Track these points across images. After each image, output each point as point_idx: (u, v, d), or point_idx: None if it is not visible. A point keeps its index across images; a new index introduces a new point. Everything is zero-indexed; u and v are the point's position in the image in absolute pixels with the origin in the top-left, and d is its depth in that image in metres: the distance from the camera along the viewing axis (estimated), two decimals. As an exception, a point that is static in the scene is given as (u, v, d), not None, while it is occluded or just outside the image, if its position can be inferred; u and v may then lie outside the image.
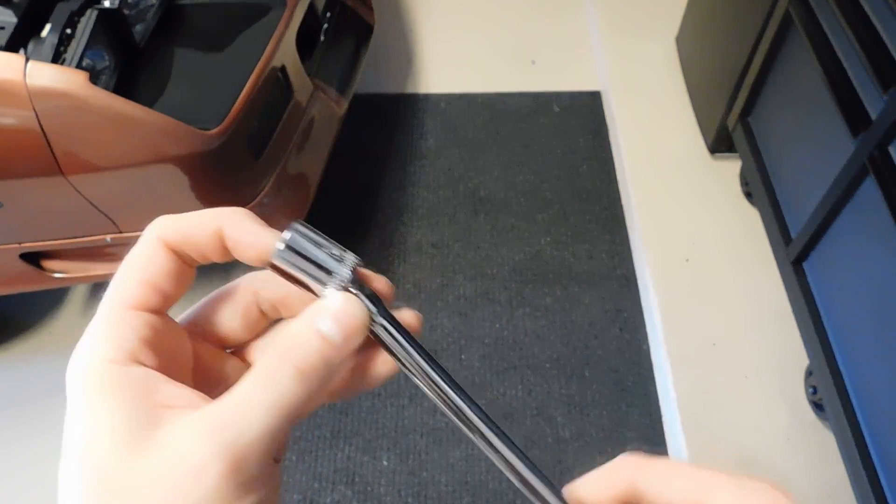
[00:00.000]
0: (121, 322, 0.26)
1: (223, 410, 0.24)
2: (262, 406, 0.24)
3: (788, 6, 1.51)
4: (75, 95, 1.13)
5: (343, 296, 0.27)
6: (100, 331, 0.26)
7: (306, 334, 0.26)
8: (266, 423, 0.24)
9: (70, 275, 1.47)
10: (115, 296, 0.27)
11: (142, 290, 0.27)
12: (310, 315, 0.26)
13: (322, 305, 0.27)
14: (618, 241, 1.95)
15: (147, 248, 0.27)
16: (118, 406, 0.24)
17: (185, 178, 1.30)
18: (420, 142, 2.20)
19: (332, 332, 0.26)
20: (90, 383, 0.25)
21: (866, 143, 1.24)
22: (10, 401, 1.69)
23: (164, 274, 0.27)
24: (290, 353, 0.25)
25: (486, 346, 1.75)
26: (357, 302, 0.27)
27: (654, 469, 0.27)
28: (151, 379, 0.25)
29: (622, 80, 2.26)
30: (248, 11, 1.47)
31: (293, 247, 0.27)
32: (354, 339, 0.26)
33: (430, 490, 1.54)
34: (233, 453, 0.23)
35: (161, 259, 0.27)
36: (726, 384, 1.60)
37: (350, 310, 0.26)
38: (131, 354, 0.25)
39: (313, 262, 0.27)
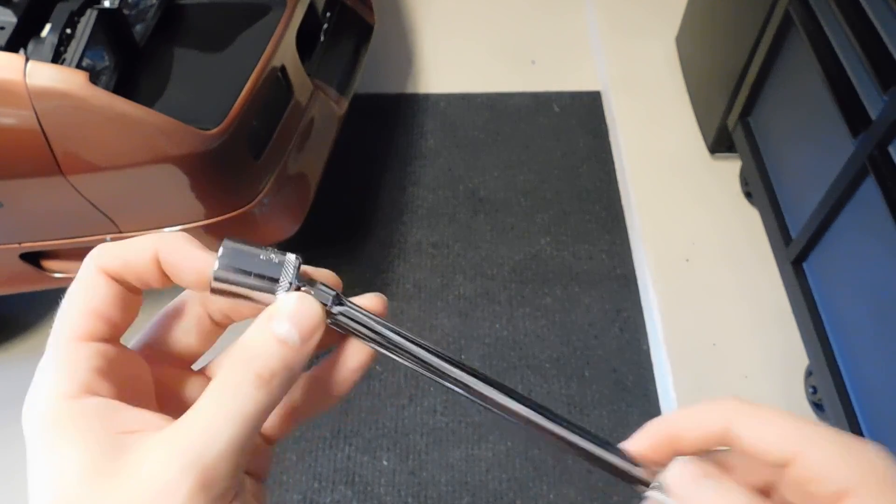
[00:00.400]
0: (70, 355, 0.25)
1: (187, 426, 0.24)
2: (226, 417, 0.24)
3: (788, 6, 1.51)
4: (75, 95, 1.13)
5: (295, 296, 0.26)
6: (50, 367, 0.25)
7: (263, 339, 0.25)
8: (231, 434, 0.23)
9: (70, 275, 1.47)
10: (62, 330, 0.26)
11: (87, 320, 0.26)
12: (264, 320, 0.26)
13: (275, 308, 0.26)
14: (618, 241, 1.95)
15: (87, 277, 0.27)
16: (79, 439, 0.23)
17: (185, 178, 1.30)
18: (420, 142, 2.20)
19: (288, 334, 0.25)
20: (47, 421, 0.24)
21: (866, 143, 1.25)
22: (10, 401, 1.69)
23: (107, 302, 0.27)
24: (249, 360, 0.25)
25: (486, 346, 1.75)
26: (310, 299, 0.26)
27: (753, 414, 0.27)
28: (109, 408, 0.24)
29: (622, 80, 2.26)
30: (248, 11, 1.47)
31: (230, 265, 0.26)
32: (312, 336, 0.26)
33: (430, 490, 1.54)
34: (201, 468, 0.23)
35: (102, 287, 0.27)
36: (726, 384, 1.60)
37: (304, 309, 0.26)
38: (85, 386, 0.25)
39: (254, 275, 0.26)
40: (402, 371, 1.70)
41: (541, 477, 1.53)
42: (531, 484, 1.53)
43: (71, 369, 0.25)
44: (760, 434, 0.26)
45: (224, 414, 0.24)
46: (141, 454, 0.23)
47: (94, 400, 0.24)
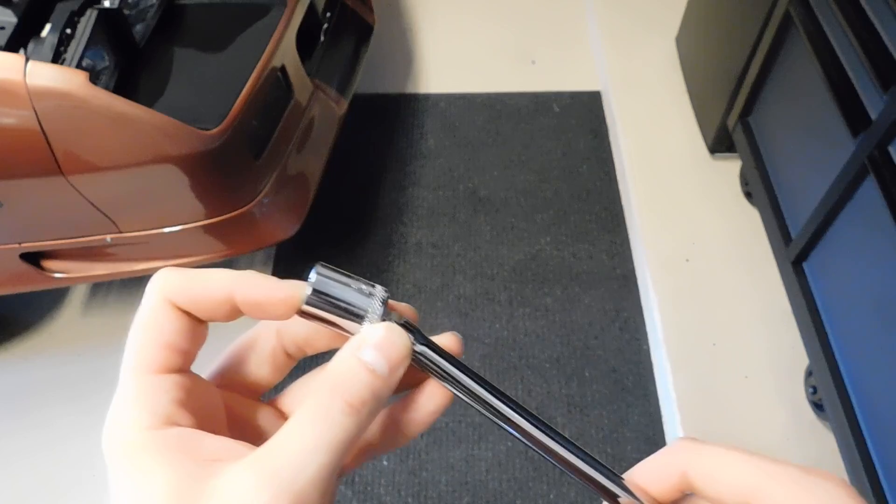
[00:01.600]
0: (149, 388, 0.26)
1: (276, 453, 0.23)
2: (317, 444, 0.23)
3: (788, 6, 1.51)
4: (75, 95, 1.13)
5: (382, 325, 0.27)
6: (129, 400, 0.25)
7: (353, 368, 0.25)
8: (322, 461, 0.23)
9: (70, 275, 1.47)
10: (136, 363, 0.26)
11: (162, 353, 0.26)
12: (353, 348, 0.26)
13: (364, 338, 0.26)
14: (618, 241, 1.95)
15: (157, 310, 0.27)
16: (166, 465, 0.23)
17: (185, 178, 1.30)
18: (420, 142, 2.20)
19: (377, 363, 0.26)
20: (132, 452, 0.24)
21: (866, 143, 1.25)
22: (10, 401, 1.69)
23: (179, 334, 0.27)
24: (339, 387, 0.25)
25: (486, 346, 1.75)
26: (398, 330, 0.27)
27: (707, 457, 0.26)
28: (192, 437, 0.25)
29: (622, 80, 2.26)
30: (248, 11, 1.47)
31: (322, 290, 0.27)
32: (399, 367, 0.26)
33: (430, 490, 1.54)
34: (293, 494, 0.22)
35: (173, 320, 0.27)
36: (726, 384, 1.60)
37: (392, 339, 0.26)
38: (167, 418, 0.25)
39: (344, 303, 0.27)
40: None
41: (541, 477, 1.54)
42: (531, 484, 1.53)
43: (151, 402, 0.25)
44: (717, 476, 0.26)
45: (315, 441, 0.24)
46: (228, 480, 0.23)
47: (177, 430, 0.25)
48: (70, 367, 1.74)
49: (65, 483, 1.56)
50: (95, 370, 1.73)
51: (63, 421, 1.64)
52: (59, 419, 1.65)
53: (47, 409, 1.67)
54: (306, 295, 0.27)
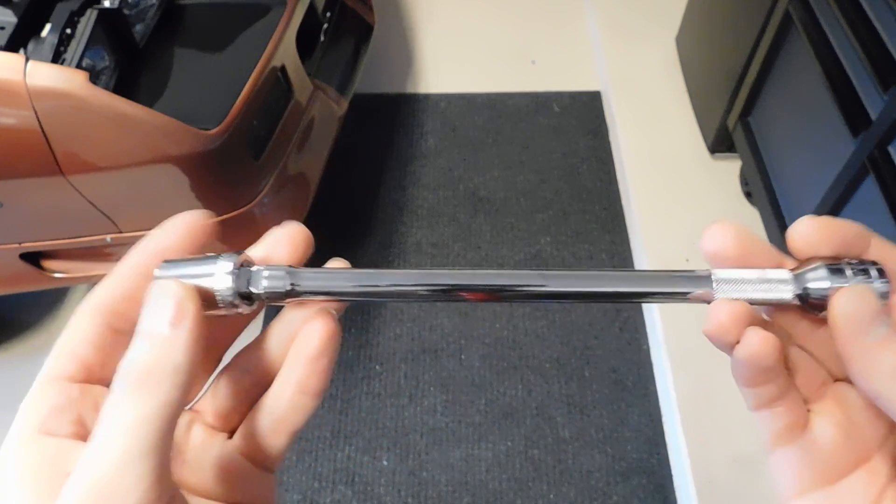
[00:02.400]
0: (36, 396, 0.25)
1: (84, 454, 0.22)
2: (112, 432, 0.22)
3: (788, 6, 1.51)
4: (75, 95, 1.13)
5: (155, 284, 0.25)
6: (22, 408, 0.25)
7: (134, 341, 0.24)
8: (123, 447, 0.22)
9: (70, 275, 1.47)
10: (42, 372, 0.26)
11: (60, 360, 0.26)
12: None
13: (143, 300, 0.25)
14: (618, 241, 1.95)
15: (75, 318, 0.26)
16: (27, 485, 0.23)
17: (185, 178, 1.30)
18: (420, 142, 2.20)
19: (156, 325, 0.24)
20: (8, 463, 0.24)
21: (866, 143, 1.25)
22: (10, 401, 1.69)
23: (84, 341, 0.26)
24: (122, 369, 0.23)
25: (486, 346, 1.75)
26: (167, 282, 0.25)
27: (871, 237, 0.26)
28: (62, 447, 0.24)
29: (622, 80, 2.26)
30: (248, 11, 1.47)
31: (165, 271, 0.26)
32: (182, 321, 0.24)
33: (430, 490, 1.54)
34: (99, 490, 0.21)
35: (84, 325, 0.26)
36: (726, 384, 1.60)
37: (161, 290, 0.24)
38: (41, 426, 0.24)
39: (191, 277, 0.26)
40: (401, 371, 1.70)
41: (541, 477, 1.53)
42: (531, 484, 1.53)
43: (32, 410, 0.25)
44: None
45: (109, 430, 0.22)
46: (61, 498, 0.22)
47: (47, 441, 0.24)
48: (70, 367, 1.74)
49: (65, 483, 1.56)
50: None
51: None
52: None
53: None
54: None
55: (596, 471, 1.55)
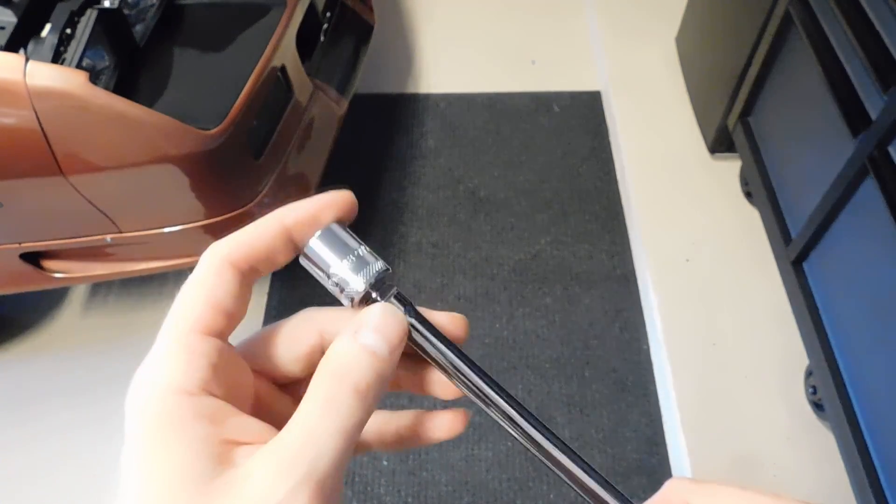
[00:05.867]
0: (191, 348, 0.24)
1: (295, 441, 0.23)
2: (331, 432, 0.23)
3: (788, 6, 1.51)
4: (75, 95, 1.13)
5: (379, 306, 0.27)
6: (167, 357, 0.24)
7: (355, 352, 0.25)
8: (338, 449, 0.23)
9: (70, 275, 1.47)
10: (183, 319, 0.25)
11: (209, 312, 0.25)
12: (352, 332, 0.26)
13: (361, 320, 0.26)
14: (618, 241, 1.95)
15: (212, 268, 0.26)
16: (186, 442, 0.23)
17: (185, 178, 1.30)
18: (420, 142, 2.20)
19: (377, 346, 0.25)
20: (157, 416, 0.23)
21: (866, 143, 1.25)
22: (10, 401, 1.69)
23: (230, 295, 0.26)
24: (345, 373, 0.25)
25: (486, 346, 1.75)
26: (393, 309, 0.27)
27: (703, 496, 0.27)
28: (221, 411, 0.24)
29: (622, 80, 2.26)
30: (248, 11, 1.47)
31: (325, 242, 0.27)
32: (398, 347, 0.26)
33: (430, 490, 1.54)
34: (314, 483, 0.22)
35: (227, 279, 0.26)
36: (726, 384, 1.60)
37: (388, 320, 0.26)
38: (203, 384, 0.24)
39: (342, 261, 0.27)
40: (402, 371, 1.70)
41: (541, 477, 1.53)
42: (531, 484, 1.53)
43: (190, 363, 0.24)
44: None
45: (329, 428, 0.23)
46: (250, 469, 0.23)
47: (210, 400, 0.24)
48: (70, 367, 1.74)
49: (65, 482, 1.56)
50: (95, 370, 1.73)
51: (63, 420, 1.64)
52: (59, 419, 1.65)
53: (47, 409, 1.67)
54: (309, 240, 0.27)
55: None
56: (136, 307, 1.83)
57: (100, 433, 1.64)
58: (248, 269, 0.27)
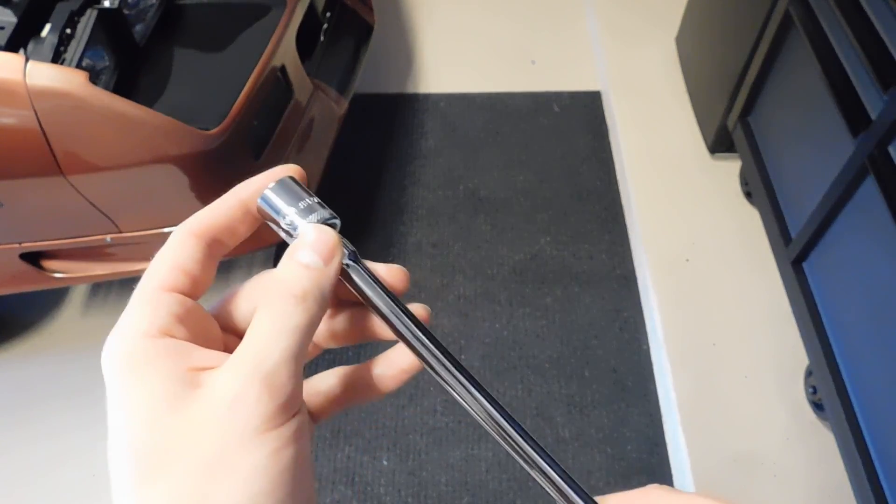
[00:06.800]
0: (153, 301, 0.28)
1: (244, 348, 0.27)
2: (275, 332, 0.27)
3: (788, 6, 1.51)
4: (75, 95, 1.13)
5: (312, 227, 0.30)
6: (133, 310, 0.28)
7: (292, 267, 0.29)
8: (283, 345, 0.26)
9: (70, 275, 1.47)
10: (148, 281, 0.29)
11: (171, 273, 0.29)
12: (289, 252, 0.29)
13: (299, 241, 0.30)
14: (618, 241, 1.95)
15: (176, 238, 0.30)
16: (155, 372, 0.26)
17: (185, 178, 1.30)
18: (420, 142, 2.20)
19: (311, 259, 0.29)
20: (126, 357, 0.27)
21: (866, 143, 1.25)
22: (10, 401, 1.69)
23: (191, 259, 0.30)
24: (283, 284, 0.28)
25: (486, 346, 1.75)
26: (326, 229, 0.30)
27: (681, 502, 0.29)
28: (184, 347, 0.27)
29: (622, 80, 2.26)
30: (248, 11, 1.47)
31: (277, 193, 0.30)
32: (332, 260, 0.29)
33: (430, 490, 1.54)
34: (263, 375, 0.25)
35: (190, 247, 0.30)
36: (726, 384, 1.60)
37: (322, 236, 0.30)
38: (163, 328, 0.27)
39: (281, 215, 0.30)
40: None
41: (541, 477, 1.53)
42: (531, 484, 1.53)
43: (152, 313, 0.28)
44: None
45: (272, 330, 0.27)
46: (212, 380, 0.26)
47: (170, 341, 0.27)
48: (70, 367, 1.74)
49: (65, 483, 1.56)
50: (95, 370, 1.73)
51: (63, 420, 1.64)
52: (59, 419, 1.65)
53: (47, 409, 1.67)
54: (262, 195, 0.30)
55: (596, 471, 1.55)
56: (136, 307, 1.83)
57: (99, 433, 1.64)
58: (211, 240, 0.31)
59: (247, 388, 0.25)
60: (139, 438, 0.25)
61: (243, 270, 1.88)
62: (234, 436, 0.25)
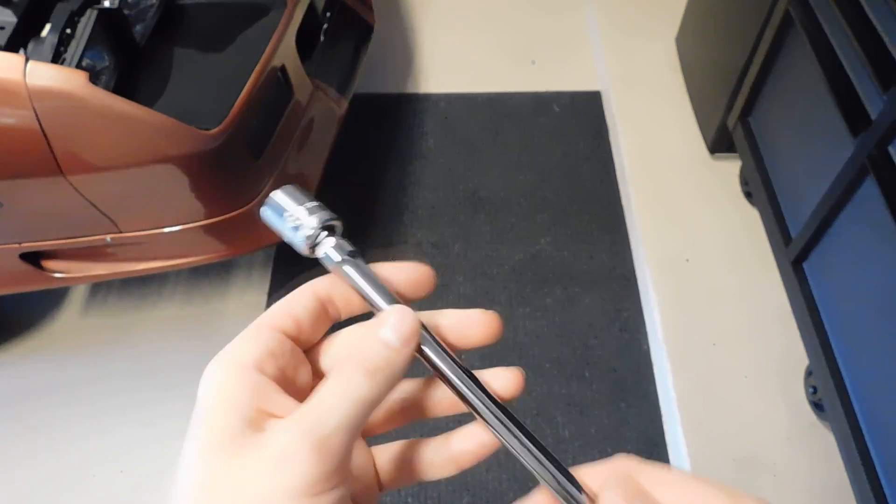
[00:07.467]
0: (257, 334, 0.30)
1: (307, 408, 0.28)
2: (337, 399, 0.28)
3: (788, 6, 1.51)
4: (75, 95, 1.13)
5: (398, 308, 0.31)
6: (239, 339, 0.30)
7: (370, 341, 0.30)
8: (342, 413, 0.28)
9: (70, 275, 1.47)
10: (262, 317, 0.31)
11: (282, 316, 0.31)
12: (372, 325, 0.31)
13: (381, 317, 0.31)
14: (618, 241, 1.95)
15: (298, 291, 0.33)
16: (229, 406, 0.28)
17: (185, 178, 1.30)
18: (420, 142, 2.20)
19: (391, 338, 0.30)
20: (216, 383, 0.29)
21: (866, 143, 1.25)
22: (10, 401, 1.69)
23: (304, 310, 0.32)
24: (359, 356, 0.30)
25: (486, 345, 1.75)
26: (409, 311, 0.31)
27: (649, 472, 0.30)
28: (266, 387, 0.29)
29: (622, 80, 2.26)
30: (248, 11, 1.47)
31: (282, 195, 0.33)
32: (409, 343, 0.31)
33: (430, 490, 1.54)
34: (316, 438, 0.26)
35: (306, 299, 0.32)
36: (726, 384, 1.60)
37: (404, 318, 0.31)
38: (257, 362, 0.29)
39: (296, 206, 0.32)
40: (402, 371, 1.70)
41: (541, 477, 1.53)
42: (531, 484, 1.52)
43: (252, 345, 0.30)
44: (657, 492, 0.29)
45: (336, 397, 0.28)
46: (272, 429, 0.27)
47: (257, 376, 0.29)
48: (70, 367, 1.74)
49: (64, 483, 1.56)
50: (95, 370, 1.73)
51: (63, 421, 1.64)
52: (59, 419, 1.65)
53: (47, 409, 1.67)
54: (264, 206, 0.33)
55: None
56: (136, 307, 1.83)
57: (99, 433, 1.64)
58: (326, 299, 0.33)
59: (298, 446, 0.26)
60: (197, 469, 0.27)
61: (243, 270, 1.88)
62: (274, 492, 0.26)
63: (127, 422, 1.63)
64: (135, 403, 1.66)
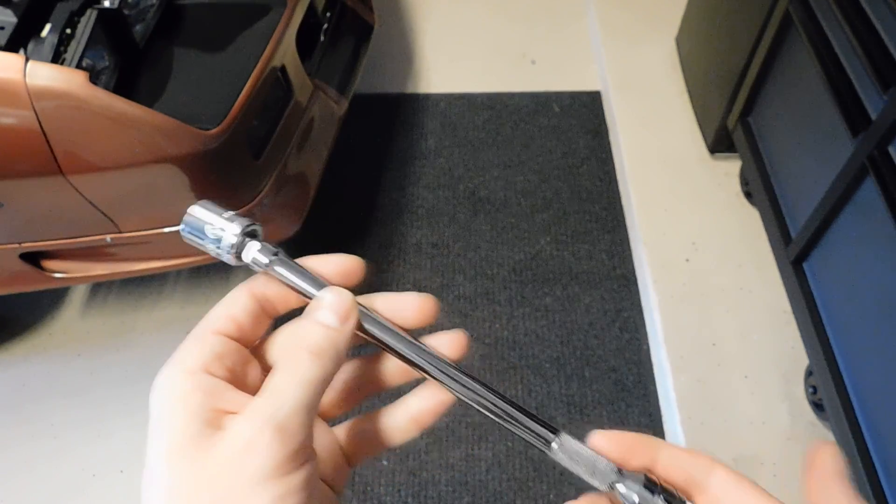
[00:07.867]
0: (200, 341, 0.31)
1: (261, 397, 0.29)
2: (290, 384, 0.29)
3: (788, 6, 1.51)
4: (75, 95, 1.13)
5: (331, 289, 0.33)
6: (182, 347, 0.31)
7: (311, 325, 0.31)
8: (297, 396, 0.29)
9: (70, 275, 1.47)
10: (202, 324, 0.32)
11: (223, 320, 0.32)
12: (310, 310, 0.32)
13: (317, 301, 0.32)
14: (618, 241, 1.95)
15: (234, 292, 0.34)
16: (184, 409, 0.29)
17: (185, 178, 1.30)
18: (420, 142, 2.20)
19: (329, 319, 0.31)
20: (166, 391, 0.29)
21: (866, 143, 1.25)
22: (10, 401, 1.69)
23: (243, 311, 0.33)
24: (303, 342, 0.31)
25: (486, 346, 1.75)
26: (344, 292, 0.33)
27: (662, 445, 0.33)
28: (218, 386, 0.30)
29: (622, 80, 2.26)
30: (248, 11, 1.47)
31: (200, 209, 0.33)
32: (347, 321, 0.32)
33: (430, 490, 1.54)
34: (275, 423, 0.28)
35: (243, 300, 0.33)
36: (726, 384, 1.60)
37: (339, 298, 0.32)
38: (204, 365, 0.30)
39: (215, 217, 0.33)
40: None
41: (541, 477, 1.53)
42: (531, 484, 1.53)
43: (197, 350, 0.31)
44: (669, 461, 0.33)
45: (287, 383, 0.29)
46: (231, 425, 0.28)
47: (207, 378, 0.30)
48: (70, 367, 1.74)
49: (64, 483, 1.56)
50: (95, 370, 1.73)
51: (63, 421, 1.64)
52: (59, 419, 1.65)
53: (47, 409, 1.67)
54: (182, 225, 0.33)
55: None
56: (136, 307, 1.83)
57: (99, 432, 1.64)
58: (263, 299, 0.34)
59: (259, 434, 0.27)
60: (163, 475, 0.27)
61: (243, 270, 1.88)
62: (244, 480, 0.27)
63: (127, 422, 1.63)
64: (135, 403, 1.66)
